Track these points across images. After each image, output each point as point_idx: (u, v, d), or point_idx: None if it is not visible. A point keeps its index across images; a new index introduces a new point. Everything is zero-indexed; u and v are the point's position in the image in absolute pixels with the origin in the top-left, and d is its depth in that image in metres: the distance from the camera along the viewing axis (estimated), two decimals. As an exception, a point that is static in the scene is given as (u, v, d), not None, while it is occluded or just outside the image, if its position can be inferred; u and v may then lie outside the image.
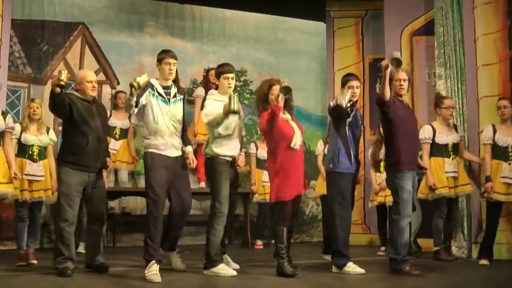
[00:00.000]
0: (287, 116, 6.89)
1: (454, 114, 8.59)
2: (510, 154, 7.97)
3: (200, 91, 10.57)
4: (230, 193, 6.89)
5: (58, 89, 6.23)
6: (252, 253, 9.76)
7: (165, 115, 6.69)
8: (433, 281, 6.43)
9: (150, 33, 11.60)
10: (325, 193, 9.17)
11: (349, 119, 6.92)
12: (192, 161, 6.95)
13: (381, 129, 8.90)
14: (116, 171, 10.28)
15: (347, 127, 6.94)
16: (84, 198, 6.78)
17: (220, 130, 6.77)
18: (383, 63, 6.64)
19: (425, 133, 8.41)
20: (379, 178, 9.44)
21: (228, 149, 6.84)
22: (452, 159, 8.34)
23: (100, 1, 11.32)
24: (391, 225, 6.90)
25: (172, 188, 6.82)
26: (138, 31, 11.49)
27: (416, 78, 10.26)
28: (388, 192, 8.83)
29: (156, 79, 6.84)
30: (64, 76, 6.14)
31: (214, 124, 6.75)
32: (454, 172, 8.31)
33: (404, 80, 7.03)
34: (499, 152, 8.01)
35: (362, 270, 6.75)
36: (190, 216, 10.72)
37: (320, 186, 9.79)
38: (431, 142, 8.38)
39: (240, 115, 6.99)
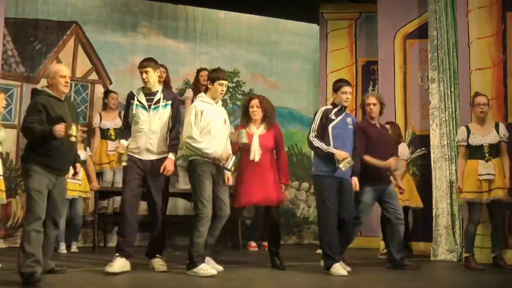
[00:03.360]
0: (254, 130, 7.43)
1: (485, 110, 7.99)
2: (486, 152, 7.89)
3: (189, 92, 10.66)
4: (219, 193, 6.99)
5: (59, 138, 5.78)
6: (242, 254, 9.74)
7: (143, 122, 6.86)
8: (427, 284, 6.47)
9: (144, 33, 11.59)
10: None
11: (333, 123, 7.16)
12: (164, 168, 6.87)
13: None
14: (114, 173, 10.27)
15: (330, 134, 7.12)
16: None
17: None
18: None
19: (459, 135, 8.16)
20: None
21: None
22: (487, 161, 7.86)
23: (94, 0, 11.30)
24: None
25: (147, 193, 6.97)
26: (131, 31, 11.48)
27: (409, 81, 10.25)
28: (399, 195, 8.85)
29: (143, 87, 7.05)
30: (75, 132, 5.78)
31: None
32: (489, 174, 7.80)
33: (374, 105, 7.65)
34: (475, 151, 7.92)
35: (344, 272, 6.78)
36: (182, 217, 10.87)
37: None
38: (466, 144, 7.99)
39: (226, 121, 7.11)
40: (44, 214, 5.85)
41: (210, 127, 6.83)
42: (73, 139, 5.82)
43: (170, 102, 7.02)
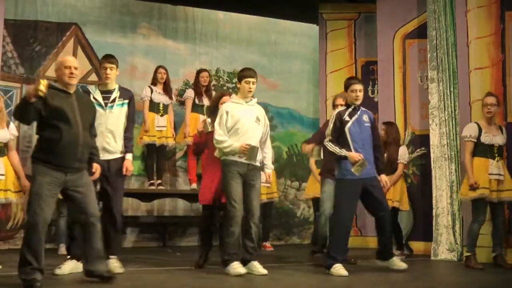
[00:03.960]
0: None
1: (492, 111, 7.92)
2: (496, 152, 7.87)
3: (189, 92, 10.69)
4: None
5: (34, 99, 5.43)
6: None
7: (99, 120, 6.64)
8: (427, 284, 6.47)
9: (143, 34, 11.60)
10: (316, 195, 9.24)
11: (348, 125, 7.07)
12: (126, 169, 6.81)
13: (381, 131, 9.00)
14: None
15: (348, 137, 7.05)
16: (66, 199, 5.98)
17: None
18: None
19: (469, 130, 7.99)
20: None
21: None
22: (497, 161, 7.84)
23: (93, 1, 11.31)
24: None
25: (102, 193, 6.82)
26: (131, 32, 11.49)
27: (408, 81, 10.26)
28: (391, 196, 8.83)
29: (99, 85, 6.98)
30: (44, 86, 5.38)
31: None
32: (499, 174, 7.79)
33: (341, 105, 7.50)
34: (486, 150, 7.85)
35: (345, 273, 6.75)
36: (181, 218, 10.89)
37: (310, 188, 9.79)
38: (475, 141, 7.89)
39: (260, 120, 7.06)
40: (44, 218, 5.55)
41: (238, 126, 6.86)
42: (41, 94, 5.40)
43: (127, 101, 6.93)
